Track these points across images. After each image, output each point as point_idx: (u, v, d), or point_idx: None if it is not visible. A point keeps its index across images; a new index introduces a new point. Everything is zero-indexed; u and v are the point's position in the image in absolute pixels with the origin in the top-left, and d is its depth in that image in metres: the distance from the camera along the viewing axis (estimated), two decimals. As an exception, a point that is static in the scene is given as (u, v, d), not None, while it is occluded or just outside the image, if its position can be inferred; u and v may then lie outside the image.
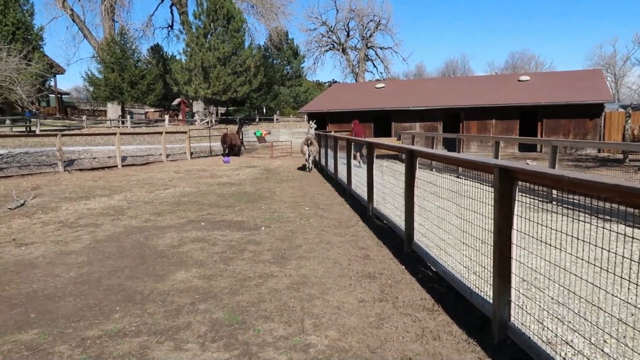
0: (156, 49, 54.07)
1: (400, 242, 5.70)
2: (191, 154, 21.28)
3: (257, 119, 48.66)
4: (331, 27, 64.65)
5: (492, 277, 3.32)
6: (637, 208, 2.12)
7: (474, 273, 4.03)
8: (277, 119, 49.28)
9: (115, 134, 18.25)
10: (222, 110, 56.55)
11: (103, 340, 3.33)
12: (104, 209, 8.53)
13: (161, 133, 20.35)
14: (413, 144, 18.78)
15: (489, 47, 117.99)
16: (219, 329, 3.48)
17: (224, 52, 39.81)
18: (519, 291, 3.37)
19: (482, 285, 3.72)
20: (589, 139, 22.48)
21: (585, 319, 3.44)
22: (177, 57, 47.92)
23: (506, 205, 3.15)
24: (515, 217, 3.15)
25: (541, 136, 23.51)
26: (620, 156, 18.13)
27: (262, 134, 29.35)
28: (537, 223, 3.30)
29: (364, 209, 7.96)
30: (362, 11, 62.60)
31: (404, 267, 4.95)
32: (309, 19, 64.26)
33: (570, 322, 3.44)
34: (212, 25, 40.62)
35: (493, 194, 3.24)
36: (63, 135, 17.33)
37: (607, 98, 23.14)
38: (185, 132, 21.66)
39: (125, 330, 3.48)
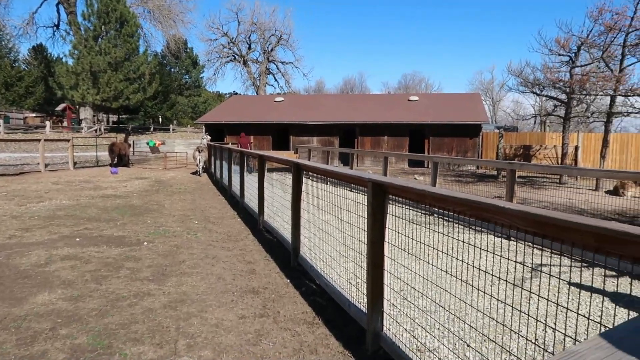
0: (39, 50, 49.74)
1: (288, 256, 5.69)
2: (75, 163, 19.68)
3: (151, 129, 46.38)
4: (232, 38, 63.99)
5: (366, 289, 3.40)
6: (484, 221, 2.29)
7: (355, 285, 4.12)
8: (173, 129, 47.43)
9: (-18, 140, 16.32)
10: (113, 118, 53.29)
11: None
12: (-40, 225, 7.52)
13: (40, 140, 18.58)
14: (309, 158, 19.09)
15: (384, 67, 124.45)
16: (80, 356, 3.17)
17: (115, 56, 37.57)
18: (392, 302, 3.49)
19: (360, 297, 3.81)
20: (469, 157, 24.49)
21: (447, 329, 3.65)
22: (63, 60, 44.23)
23: (379, 218, 3.26)
24: (387, 230, 3.26)
25: (428, 153, 25.15)
26: (495, 172, 19.97)
27: (155, 144, 28.01)
28: (410, 238, 3.46)
29: (255, 222, 7.87)
30: (264, 25, 62.86)
31: (289, 280, 4.93)
32: (210, 29, 62.93)
33: (439, 329, 3.64)
34: (103, 28, 38.16)
35: (366, 207, 3.34)
36: None
37: (484, 120, 25.44)
38: (69, 140, 19.99)
39: (-35, 364, 3.05)
